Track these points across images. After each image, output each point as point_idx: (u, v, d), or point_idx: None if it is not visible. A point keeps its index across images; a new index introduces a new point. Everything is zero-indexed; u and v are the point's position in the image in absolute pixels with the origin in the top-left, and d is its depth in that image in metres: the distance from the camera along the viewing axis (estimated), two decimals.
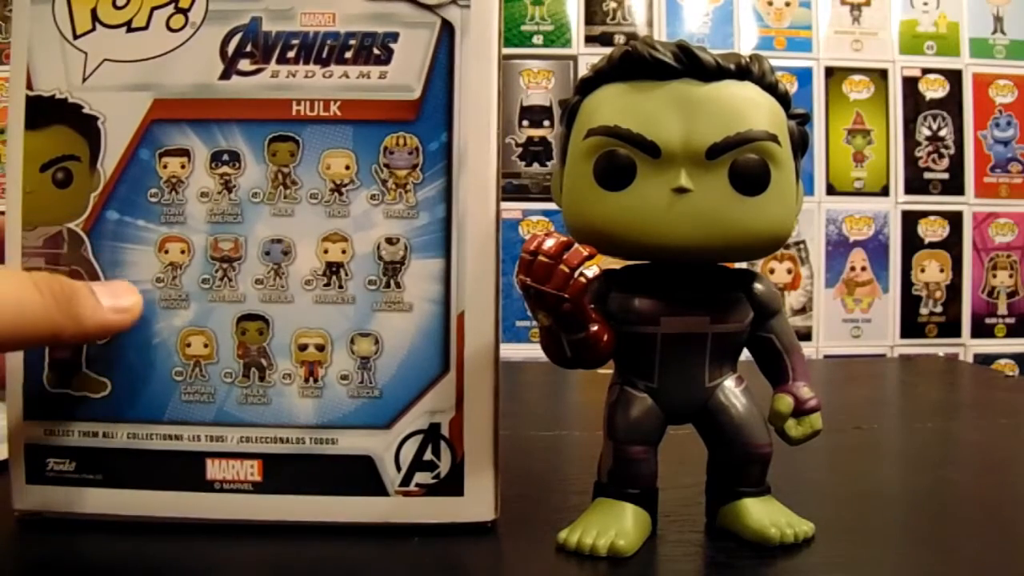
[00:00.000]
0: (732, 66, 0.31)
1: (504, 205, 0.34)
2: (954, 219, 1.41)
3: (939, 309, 1.42)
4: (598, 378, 0.36)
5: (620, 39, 1.37)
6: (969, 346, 1.42)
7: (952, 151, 1.41)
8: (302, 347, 0.33)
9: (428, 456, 0.33)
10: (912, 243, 1.41)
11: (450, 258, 0.33)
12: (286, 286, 0.33)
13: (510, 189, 1.34)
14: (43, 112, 0.33)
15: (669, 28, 1.38)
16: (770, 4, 1.39)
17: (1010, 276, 1.43)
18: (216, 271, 0.33)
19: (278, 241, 0.33)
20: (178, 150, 0.33)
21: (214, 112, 0.33)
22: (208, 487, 0.33)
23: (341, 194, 0.33)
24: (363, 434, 0.33)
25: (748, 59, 0.32)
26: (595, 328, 0.31)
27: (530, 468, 0.44)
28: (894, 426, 0.60)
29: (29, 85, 0.33)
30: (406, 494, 0.33)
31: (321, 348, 0.33)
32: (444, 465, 0.33)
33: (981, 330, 1.42)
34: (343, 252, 0.33)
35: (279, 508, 0.33)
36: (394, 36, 0.33)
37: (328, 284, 0.33)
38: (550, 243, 0.29)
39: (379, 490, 0.33)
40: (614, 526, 0.31)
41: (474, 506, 0.33)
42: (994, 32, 1.42)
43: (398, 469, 0.33)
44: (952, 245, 1.41)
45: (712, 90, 0.31)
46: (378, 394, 0.33)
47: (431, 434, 0.33)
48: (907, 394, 0.78)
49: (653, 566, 0.31)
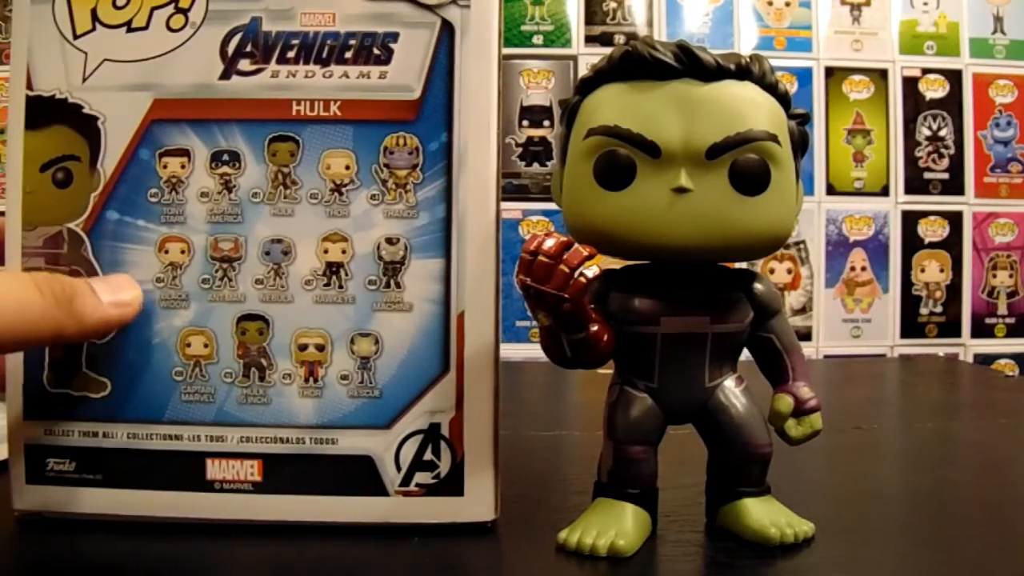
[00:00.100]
0: (732, 66, 0.31)
1: (504, 205, 0.34)
2: (954, 219, 1.41)
3: (939, 309, 1.42)
4: (598, 378, 0.36)
5: (620, 39, 1.37)
6: (969, 346, 1.42)
7: (952, 151, 1.41)
8: (302, 347, 0.33)
9: (428, 456, 0.33)
10: (912, 243, 1.41)
11: (450, 258, 0.33)
12: (286, 286, 0.33)
13: (510, 189, 1.34)
14: (43, 112, 0.33)
15: (669, 28, 1.38)
16: (770, 4, 1.39)
17: (1010, 276, 1.43)
18: (216, 271, 0.33)
19: (278, 241, 0.33)
20: (178, 150, 0.33)
21: (214, 112, 0.33)
22: (208, 487, 0.33)
23: (341, 194, 0.33)
24: (363, 434, 0.33)
25: (748, 59, 0.32)
26: (595, 328, 0.31)
27: (530, 468, 0.44)
28: (894, 426, 0.60)
29: (29, 85, 0.33)
30: (406, 494, 0.33)
31: (321, 348, 0.33)
32: (444, 465, 0.33)
33: (981, 330, 1.42)
34: (343, 252, 0.33)
35: (279, 508, 0.33)
36: (394, 36, 0.33)
37: (328, 284, 0.33)
38: (550, 243, 0.29)
39: (379, 490, 0.33)
40: (614, 526, 0.31)
41: (474, 506, 0.33)
42: (994, 32, 1.42)
43: (398, 469, 0.33)
44: (952, 245, 1.41)
45: (712, 90, 0.31)
46: (378, 394, 0.33)
47: (431, 434, 0.33)
48: (907, 394, 0.78)
49: (653, 566, 0.31)
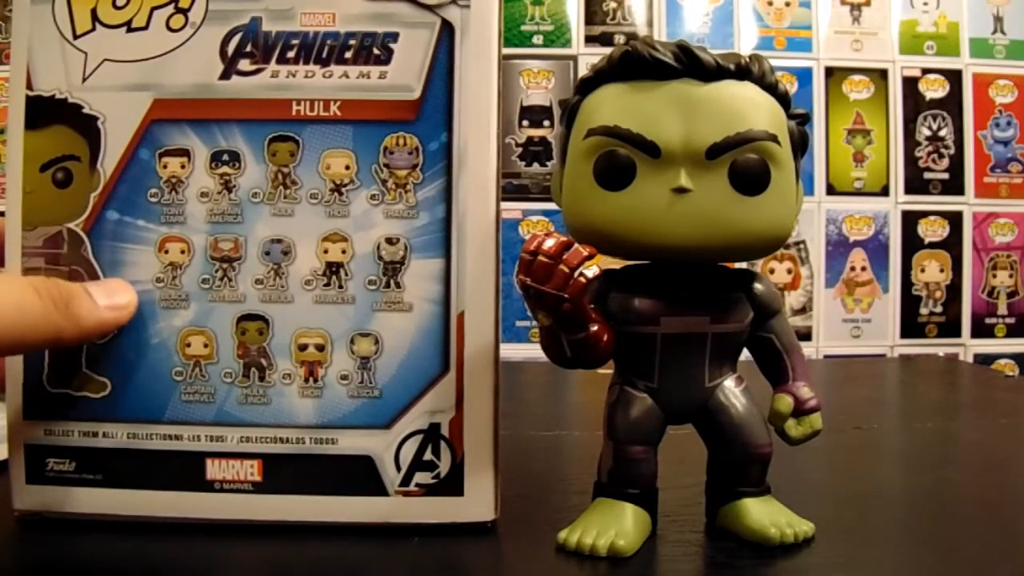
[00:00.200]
0: (732, 66, 0.31)
1: (504, 205, 0.34)
2: (954, 219, 1.41)
3: (939, 309, 1.42)
4: (598, 378, 0.36)
5: (620, 39, 1.37)
6: (969, 346, 1.42)
7: (952, 151, 1.41)
8: (302, 347, 0.33)
9: (428, 456, 0.33)
10: (912, 243, 1.41)
11: (450, 258, 0.33)
12: (286, 286, 0.33)
13: (510, 189, 1.34)
14: (43, 112, 0.33)
15: (669, 28, 1.38)
16: (770, 4, 1.39)
17: (1010, 276, 1.43)
18: (216, 271, 0.33)
19: (278, 241, 0.33)
20: (178, 150, 0.33)
21: (214, 112, 0.33)
22: (208, 487, 0.33)
23: (341, 194, 0.33)
24: (363, 434, 0.33)
25: (748, 59, 0.32)
26: (595, 328, 0.31)
27: (530, 468, 0.44)
28: (894, 426, 0.60)
29: (29, 85, 0.33)
30: (406, 494, 0.33)
31: (321, 348, 0.33)
32: (444, 465, 0.33)
33: (981, 330, 1.42)
34: (343, 252, 0.33)
35: (279, 508, 0.33)
36: (394, 36, 0.33)
37: (328, 284, 0.33)
38: (550, 243, 0.29)
39: (379, 490, 0.33)
40: (614, 526, 0.31)
41: (474, 506, 0.33)
42: (994, 32, 1.42)
43: (398, 469, 0.33)
44: (952, 245, 1.41)
45: (712, 90, 0.31)
46: (378, 394, 0.33)
47: (431, 434, 0.33)
48: (907, 394, 0.78)
49: (653, 566, 0.31)
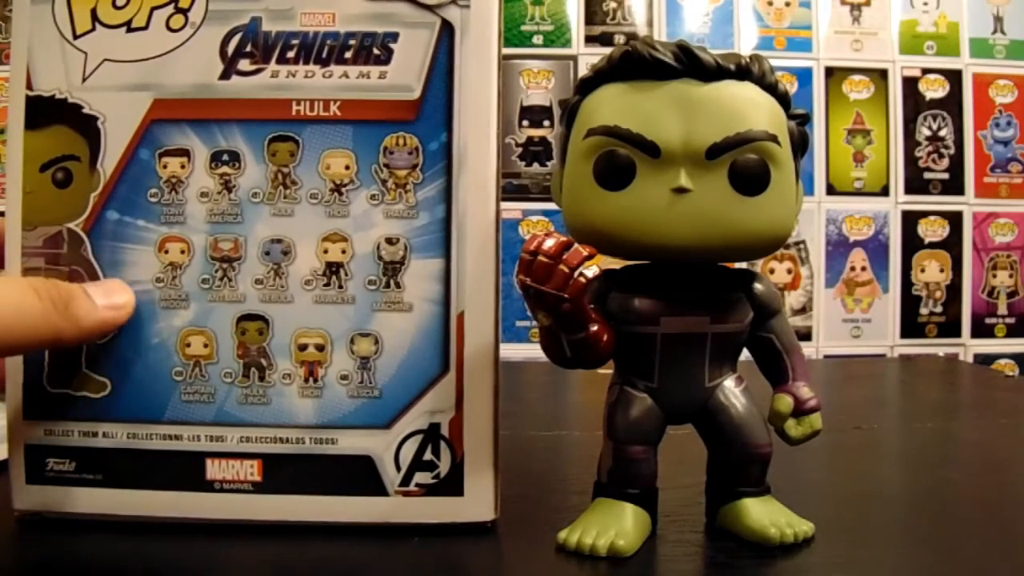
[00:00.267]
0: (732, 66, 0.31)
1: (504, 205, 0.34)
2: (954, 219, 1.41)
3: (939, 309, 1.42)
4: (598, 378, 0.36)
5: (620, 39, 1.37)
6: (969, 346, 1.42)
7: (952, 151, 1.41)
8: (302, 347, 0.33)
9: (428, 456, 0.33)
10: (912, 243, 1.41)
11: (450, 258, 0.33)
12: (286, 286, 0.33)
13: (510, 189, 1.34)
14: (43, 112, 0.33)
15: (669, 28, 1.38)
16: (770, 4, 1.39)
17: (1010, 276, 1.43)
18: (216, 271, 0.33)
19: (278, 241, 0.33)
20: (178, 150, 0.33)
21: (214, 112, 0.33)
22: (208, 487, 0.33)
23: (341, 194, 0.33)
24: (363, 434, 0.33)
25: (748, 59, 0.32)
26: (595, 328, 0.31)
27: (530, 468, 0.44)
28: (894, 426, 0.60)
29: (29, 85, 0.33)
30: (406, 494, 0.33)
31: (321, 348, 0.33)
32: (444, 465, 0.33)
33: (981, 330, 1.42)
34: (343, 252, 0.33)
35: (279, 508, 0.33)
36: (394, 36, 0.33)
37: (328, 284, 0.33)
38: (550, 243, 0.29)
39: (379, 490, 0.33)
40: (614, 526, 0.31)
41: (474, 506, 0.33)
42: (994, 32, 1.42)
43: (398, 469, 0.33)
44: (952, 245, 1.41)
45: (712, 90, 0.31)
46: (378, 394, 0.33)
47: (431, 434, 0.33)
48: (907, 394, 0.78)
49: (653, 566, 0.31)
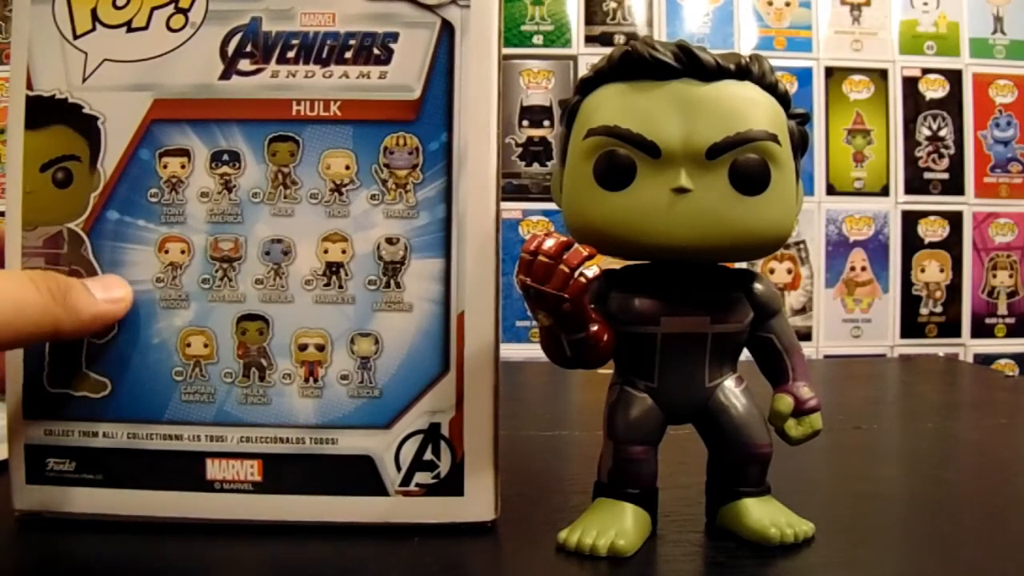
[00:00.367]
0: (732, 66, 0.31)
1: (504, 205, 0.34)
2: (954, 219, 1.41)
3: (939, 309, 1.42)
4: (598, 378, 0.36)
5: (620, 39, 1.37)
6: (969, 346, 1.42)
7: (952, 151, 1.41)
8: (302, 347, 0.33)
9: (428, 456, 0.33)
10: (912, 243, 1.41)
11: (450, 258, 0.33)
12: (286, 286, 0.33)
13: (510, 189, 1.34)
14: (43, 112, 0.33)
15: (669, 28, 1.38)
16: (770, 4, 1.39)
17: (1010, 276, 1.43)
18: (216, 271, 0.33)
19: (278, 241, 0.33)
20: (178, 150, 0.33)
21: (214, 112, 0.33)
22: (208, 487, 0.33)
23: (341, 194, 0.33)
24: (363, 434, 0.33)
25: (748, 59, 0.32)
26: (595, 328, 0.31)
27: (530, 468, 0.44)
28: (894, 426, 0.60)
29: (29, 85, 0.33)
30: (406, 494, 0.33)
31: (321, 348, 0.33)
32: (444, 465, 0.33)
33: (981, 330, 1.42)
34: (343, 252, 0.33)
35: (279, 508, 0.33)
36: (394, 36, 0.33)
37: (328, 284, 0.33)
38: (550, 243, 0.28)
39: (379, 490, 0.33)
40: (614, 526, 0.31)
41: (474, 506, 0.33)
42: (994, 32, 1.42)
43: (398, 469, 0.33)
44: (952, 245, 1.42)
45: (712, 90, 0.31)
46: (378, 394, 0.33)
47: (431, 434, 0.33)
48: (907, 394, 0.78)
49: (653, 566, 0.31)
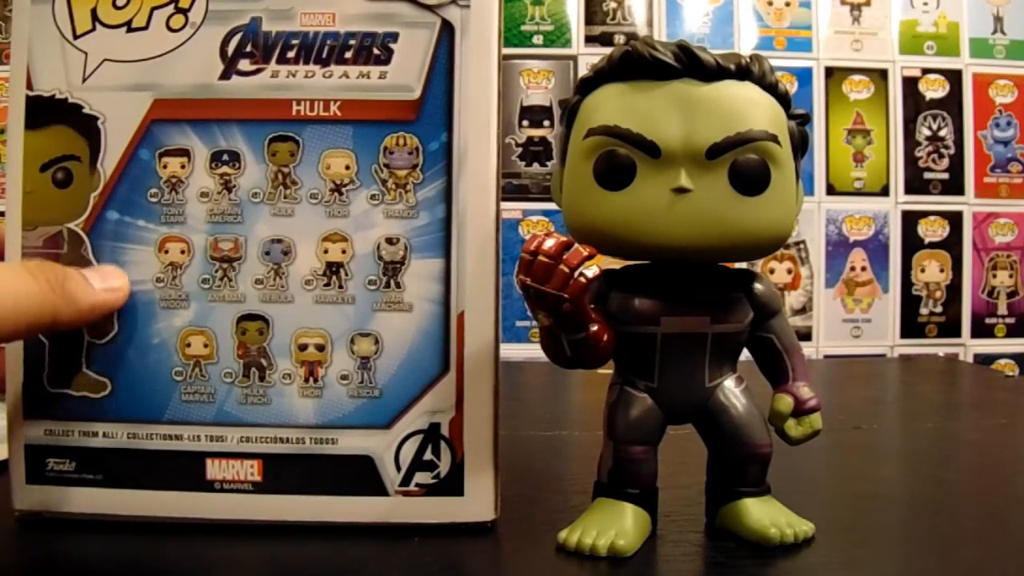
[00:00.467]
0: (732, 66, 0.31)
1: (504, 205, 0.34)
2: (954, 219, 1.41)
3: (939, 309, 1.42)
4: (598, 378, 0.36)
5: (620, 39, 1.37)
6: (969, 346, 1.42)
7: (952, 151, 1.41)
8: (302, 347, 0.33)
9: (428, 456, 0.33)
10: (912, 243, 1.41)
11: (450, 258, 0.33)
12: (286, 286, 0.33)
13: (510, 189, 1.34)
14: (43, 112, 0.33)
15: (669, 28, 1.38)
16: (770, 4, 1.39)
17: (1010, 276, 1.43)
18: (216, 271, 0.33)
19: (278, 241, 0.33)
20: (178, 150, 0.33)
21: (214, 112, 0.33)
22: (208, 487, 0.33)
23: (341, 194, 0.33)
24: (363, 434, 0.33)
25: (748, 59, 0.32)
26: (595, 328, 0.31)
27: (530, 468, 0.44)
28: (894, 426, 0.60)
29: (29, 85, 0.33)
30: (406, 494, 0.33)
31: (321, 348, 0.33)
32: (444, 465, 0.33)
33: (981, 330, 1.42)
34: (343, 252, 0.33)
35: (279, 508, 0.33)
36: (394, 36, 0.33)
37: (328, 284, 0.33)
38: (550, 243, 0.28)
39: (379, 490, 0.33)
40: (614, 526, 0.31)
41: (474, 506, 0.33)
42: (994, 32, 1.42)
43: (398, 469, 0.33)
44: (952, 245, 1.41)
45: (712, 90, 0.31)
46: (378, 394, 0.33)
47: (431, 434, 0.33)
48: (907, 394, 0.78)
49: (653, 566, 0.31)
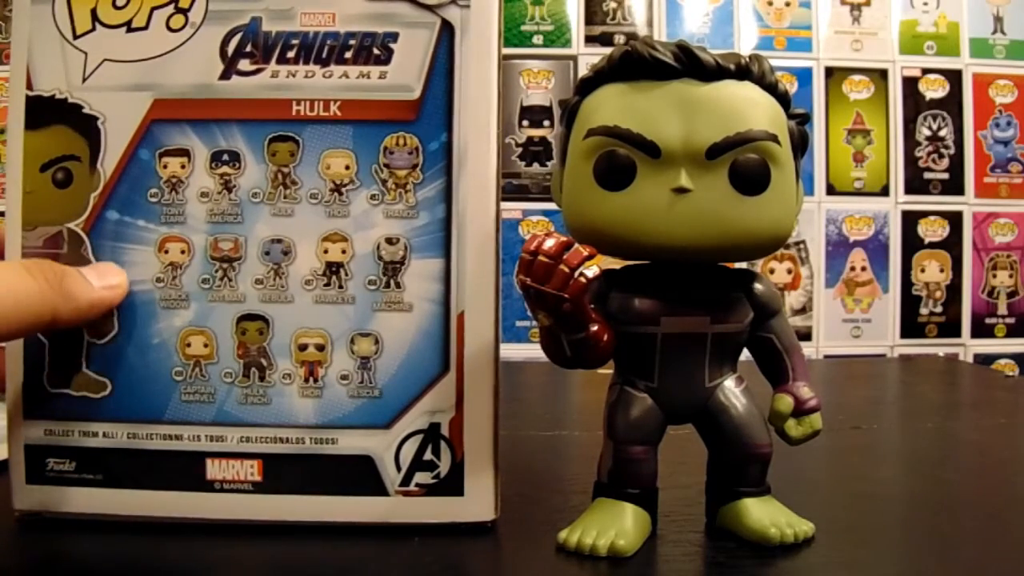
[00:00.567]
0: (732, 66, 0.31)
1: (504, 205, 0.34)
2: (954, 219, 1.41)
3: (939, 309, 1.42)
4: (598, 378, 0.36)
5: (620, 39, 1.37)
6: (969, 346, 1.42)
7: (952, 151, 1.41)
8: (302, 347, 0.33)
9: (428, 456, 0.33)
10: (912, 243, 1.41)
11: (450, 258, 0.33)
12: (286, 286, 0.33)
13: (510, 189, 1.34)
14: (43, 112, 0.33)
15: (669, 28, 1.38)
16: (770, 4, 1.39)
17: (1010, 276, 1.43)
18: (216, 271, 0.33)
19: (278, 241, 0.33)
20: (178, 150, 0.33)
21: (214, 112, 0.33)
22: (208, 487, 0.33)
23: (341, 194, 0.33)
24: (363, 434, 0.33)
25: (748, 59, 0.32)
26: (595, 328, 0.31)
27: (530, 468, 0.44)
28: (894, 426, 0.60)
29: (29, 85, 0.33)
30: (406, 494, 0.33)
31: (321, 348, 0.33)
32: (444, 465, 0.33)
33: (981, 330, 1.42)
34: (343, 252, 0.33)
35: (279, 508, 0.33)
36: (394, 36, 0.33)
37: (328, 284, 0.33)
38: (550, 243, 0.29)
39: (379, 490, 0.33)
40: (614, 526, 0.31)
41: (474, 506, 0.33)
42: (994, 32, 1.42)
43: (398, 469, 0.33)
44: (952, 245, 1.42)
45: (712, 90, 0.31)
46: (378, 394, 0.33)
47: (431, 434, 0.33)
48: (907, 394, 0.78)
49: (653, 566, 0.31)
